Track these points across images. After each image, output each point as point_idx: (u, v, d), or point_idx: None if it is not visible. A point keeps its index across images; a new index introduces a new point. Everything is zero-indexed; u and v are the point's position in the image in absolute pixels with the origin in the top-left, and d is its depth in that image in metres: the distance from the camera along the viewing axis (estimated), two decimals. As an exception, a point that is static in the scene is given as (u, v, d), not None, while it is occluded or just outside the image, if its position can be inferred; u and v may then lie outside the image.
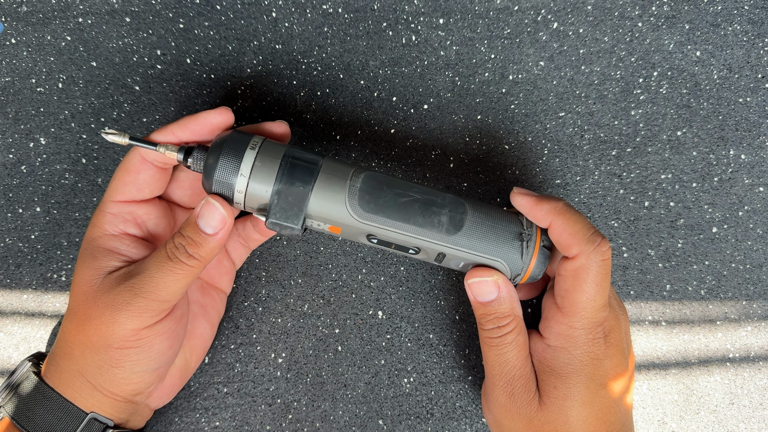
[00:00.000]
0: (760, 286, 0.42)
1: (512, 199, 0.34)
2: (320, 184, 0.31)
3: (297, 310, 0.41)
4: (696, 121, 0.43)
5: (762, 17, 0.43)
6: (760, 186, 0.43)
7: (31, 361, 0.34)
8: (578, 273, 0.31)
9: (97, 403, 0.32)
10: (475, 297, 0.34)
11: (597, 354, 0.32)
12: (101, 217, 0.33)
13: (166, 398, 0.37)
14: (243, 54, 0.42)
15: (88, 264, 0.32)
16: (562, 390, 0.32)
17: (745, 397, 0.42)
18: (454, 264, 0.33)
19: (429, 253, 0.33)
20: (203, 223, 0.30)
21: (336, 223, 0.31)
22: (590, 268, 0.31)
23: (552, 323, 0.33)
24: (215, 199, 0.30)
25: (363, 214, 0.31)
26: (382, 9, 0.42)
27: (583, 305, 0.32)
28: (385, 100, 0.43)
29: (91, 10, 0.42)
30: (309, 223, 0.32)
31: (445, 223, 0.32)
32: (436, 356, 0.41)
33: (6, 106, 0.42)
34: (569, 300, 0.32)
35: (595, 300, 0.31)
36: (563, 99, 0.43)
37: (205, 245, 0.30)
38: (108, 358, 0.31)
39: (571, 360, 0.32)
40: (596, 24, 0.43)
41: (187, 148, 0.31)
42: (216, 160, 0.30)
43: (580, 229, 0.32)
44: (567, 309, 0.32)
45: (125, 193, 0.33)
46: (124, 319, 0.30)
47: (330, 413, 0.40)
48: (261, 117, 0.42)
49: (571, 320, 0.32)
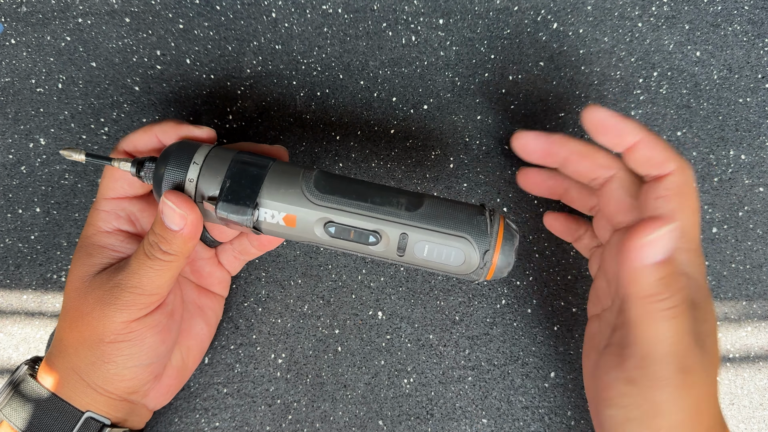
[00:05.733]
0: (760, 287, 0.42)
1: (589, 114, 0.30)
2: (272, 176, 0.30)
3: (297, 311, 0.41)
4: (696, 121, 0.43)
5: (762, 17, 0.43)
6: (760, 186, 0.43)
7: (27, 364, 0.34)
8: (683, 188, 0.29)
9: (93, 401, 0.32)
10: (653, 259, 0.27)
11: None
12: (95, 215, 0.34)
13: (164, 399, 0.37)
14: (243, 54, 0.42)
15: (83, 261, 0.33)
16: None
17: (745, 398, 0.42)
18: (418, 251, 0.31)
19: (390, 238, 0.30)
20: (167, 221, 0.30)
21: (291, 209, 0.30)
22: (692, 182, 0.29)
23: None
24: (170, 199, 0.30)
25: (319, 195, 0.30)
26: (381, 9, 0.42)
27: (696, 222, 0.29)
28: (384, 101, 0.43)
29: (90, 10, 0.42)
30: (262, 215, 0.30)
31: (404, 203, 0.31)
32: (435, 357, 0.41)
33: (6, 106, 0.42)
34: (680, 215, 0.28)
35: (695, 216, 0.29)
36: (563, 99, 0.43)
37: (175, 241, 0.31)
38: (100, 353, 0.31)
39: (698, 285, 0.29)
40: (596, 24, 0.43)
41: (138, 161, 0.32)
42: (164, 170, 0.30)
43: (668, 145, 0.29)
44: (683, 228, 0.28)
45: (117, 190, 0.34)
46: (113, 313, 0.30)
47: (330, 414, 0.40)
48: (261, 118, 0.42)
49: (691, 243, 0.29)
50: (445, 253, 0.30)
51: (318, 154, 0.42)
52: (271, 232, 0.31)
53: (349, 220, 0.30)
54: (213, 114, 0.42)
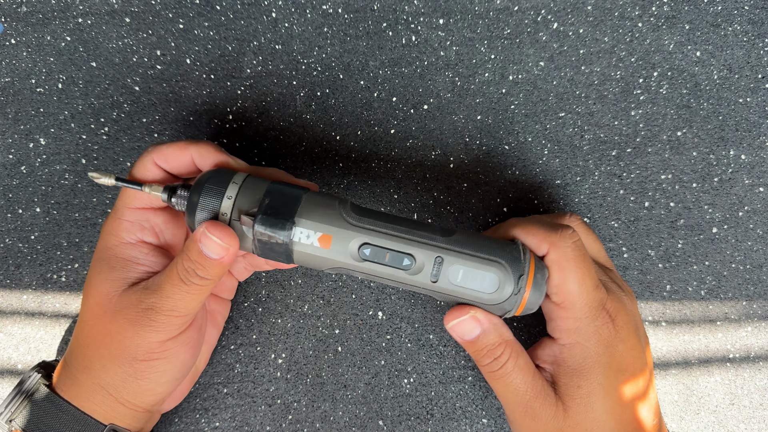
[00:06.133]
0: (760, 287, 0.42)
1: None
2: (309, 198, 0.31)
3: (297, 311, 0.41)
4: (696, 121, 0.43)
5: (762, 17, 0.43)
6: (760, 186, 0.43)
7: (39, 372, 0.33)
8: (558, 264, 0.31)
9: (117, 414, 0.32)
10: (462, 337, 0.33)
11: (609, 340, 0.32)
12: (117, 225, 0.32)
13: (176, 402, 0.37)
14: (243, 54, 0.42)
15: (105, 275, 0.31)
16: (585, 387, 0.31)
17: (745, 398, 0.42)
18: (452, 276, 0.31)
19: (426, 261, 0.30)
20: (205, 249, 0.29)
21: (328, 229, 0.30)
22: (566, 254, 0.31)
23: (558, 322, 0.33)
24: (213, 232, 0.29)
25: (356, 218, 0.30)
26: (382, 9, 0.42)
27: (577, 291, 0.31)
28: (385, 101, 0.43)
29: (91, 10, 0.42)
30: (297, 235, 0.30)
31: (438, 228, 0.31)
32: (436, 357, 0.41)
33: (6, 106, 0.42)
34: (563, 292, 0.32)
35: (584, 282, 0.31)
36: (563, 99, 0.43)
37: (213, 268, 0.30)
38: (133, 371, 0.31)
39: (587, 353, 0.32)
40: (596, 24, 0.43)
41: (171, 187, 0.31)
42: (198, 198, 0.30)
43: (539, 227, 0.33)
44: (564, 302, 0.32)
45: (142, 199, 0.33)
46: (148, 333, 0.30)
47: (330, 414, 0.40)
48: (261, 118, 0.42)
49: (573, 311, 0.32)
50: (480, 278, 0.30)
51: (318, 154, 0.42)
52: (304, 255, 0.30)
53: (384, 242, 0.30)
54: (213, 114, 0.42)
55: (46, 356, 0.41)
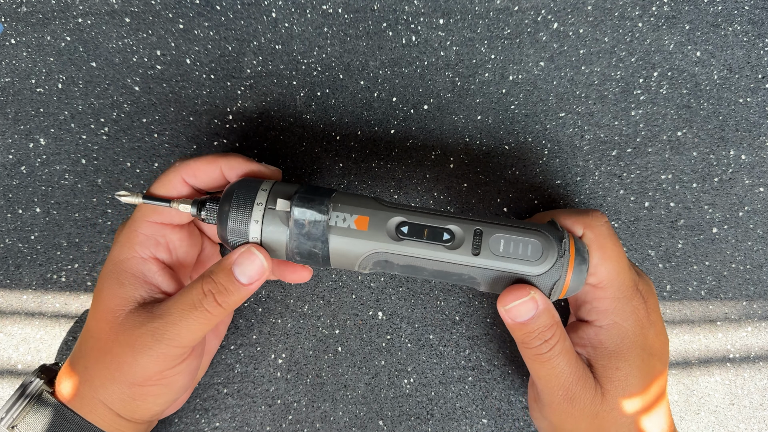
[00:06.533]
0: (760, 287, 0.42)
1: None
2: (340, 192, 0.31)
3: (297, 311, 0.41)
4: (696, 121, 0.43)
5: (762, 17, 0.43)
6: (761, 186, 0.43)
7: (41, 378, 0.33)
8: (596, 242, 0.32)
9: (119, 426, 0.32)
10: (515, 319, 0.30)
11: (643, 322, 0.32)
12: (133, 237, 0.32)
13: (175, 409, 0.38)
14: (243, 54, 0.42)
15: (114, 291, 0.31)
16: (624, 369, 0.31)
17: (745, 398, 0.42)
18: (493, 246, 0.29)
19: (466, 234, 0.29)
20: (239, 271, 0.29)
21: (364, 211, 0.30)
22: (602, 232, 0.32)
23: (595, 303, 0.33)
24: (257, 249, 0.29)
25: (390, 203, 0.31)
26: (382, 9, 0.42)
27: (615, 270, 0.32)
28: (385, 101, 0.43)
29: (90, 10, 0.42)
30: (333, 219, 0.30)
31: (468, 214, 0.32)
32: (436, 357, 0.41)
33: (6, 106, 0.42)
34: (600, 271, 0.32)
35: (621, 261, 0.32)
36: (563, 99, 0.43)
37: (237, 294, 0.29)
38: (131, 393, 0.30)
39: (624, 333, 0.32)
40: (596, 24, 0.43)
41: (199, 201, 0.31)
42: (228, 208, 0.30)
43: (570, 211, 0.34)
44: (602, 281, 0.32)
45: (161, 214, 0.32)
46: (146, 362, 0.29)
47: (330, 414, 0.40)
48: (261, 118, 0.42)
49: (611, 290, 0.32)
50: (522, 245, 0.29)
51: (318, 154, 0.42)
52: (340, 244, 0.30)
53: (422, 219, 0.30)
54: (213, 114, 0.42)
55: (46, 356, 0.41)
